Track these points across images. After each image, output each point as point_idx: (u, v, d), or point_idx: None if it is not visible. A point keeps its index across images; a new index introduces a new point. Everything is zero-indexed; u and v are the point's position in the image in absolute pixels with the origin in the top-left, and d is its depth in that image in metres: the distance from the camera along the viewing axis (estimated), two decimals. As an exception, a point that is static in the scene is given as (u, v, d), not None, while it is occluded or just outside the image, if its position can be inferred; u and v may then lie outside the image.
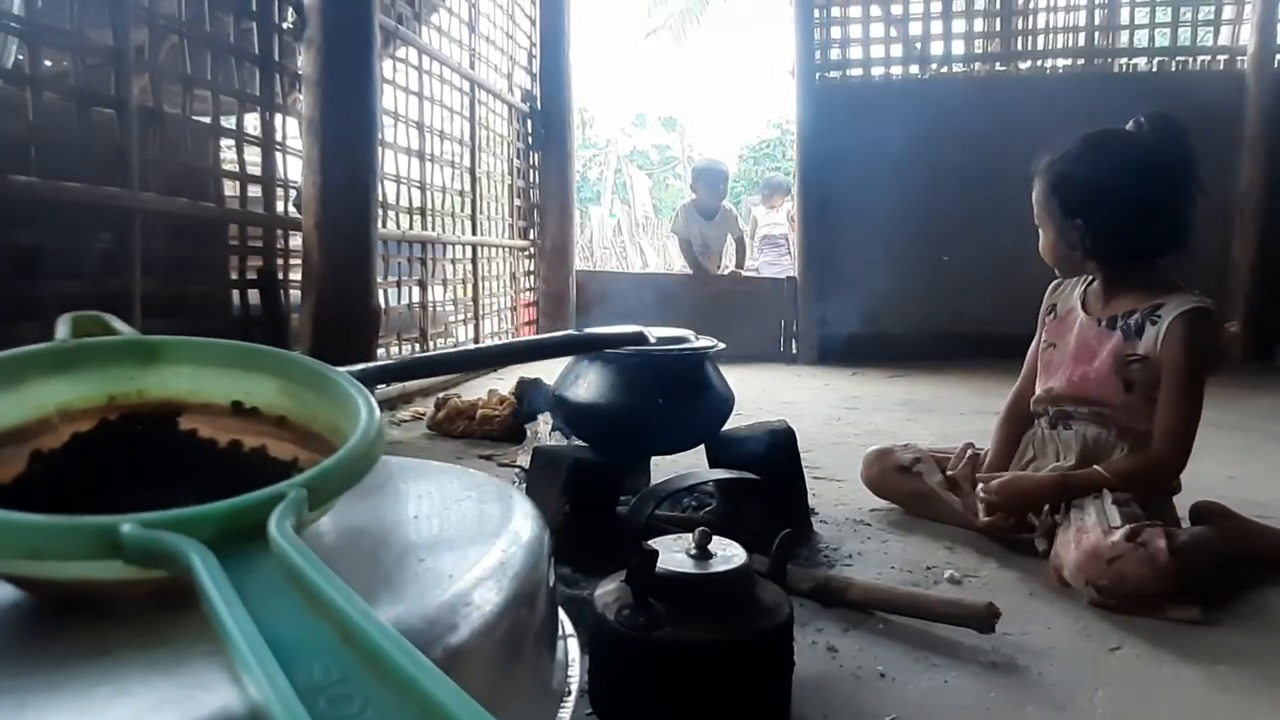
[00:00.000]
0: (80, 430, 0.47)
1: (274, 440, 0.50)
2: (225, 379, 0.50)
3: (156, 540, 0.33)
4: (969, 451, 1.83)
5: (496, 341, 4.72)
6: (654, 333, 1.64)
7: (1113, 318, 1.63)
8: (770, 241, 6.71)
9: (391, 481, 0.45)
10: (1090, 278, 1.74)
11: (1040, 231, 1.73)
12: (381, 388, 3.17)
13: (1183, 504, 1.63)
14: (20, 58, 2.35)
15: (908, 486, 1.85)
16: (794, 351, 5.01)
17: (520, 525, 0.50)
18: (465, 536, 0.47)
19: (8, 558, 0.35)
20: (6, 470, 0.43)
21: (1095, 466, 1.56)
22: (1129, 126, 1.63)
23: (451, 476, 0.59)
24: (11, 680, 0.33)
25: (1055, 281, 1.84)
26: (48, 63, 1.98)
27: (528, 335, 5.23)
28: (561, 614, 0.55)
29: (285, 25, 2.72)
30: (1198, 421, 1.55)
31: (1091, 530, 1.42)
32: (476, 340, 4.39)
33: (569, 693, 0.50)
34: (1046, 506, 1.60)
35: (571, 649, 0.54)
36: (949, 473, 1.81)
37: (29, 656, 0.35)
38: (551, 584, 0.49)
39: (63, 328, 0.49)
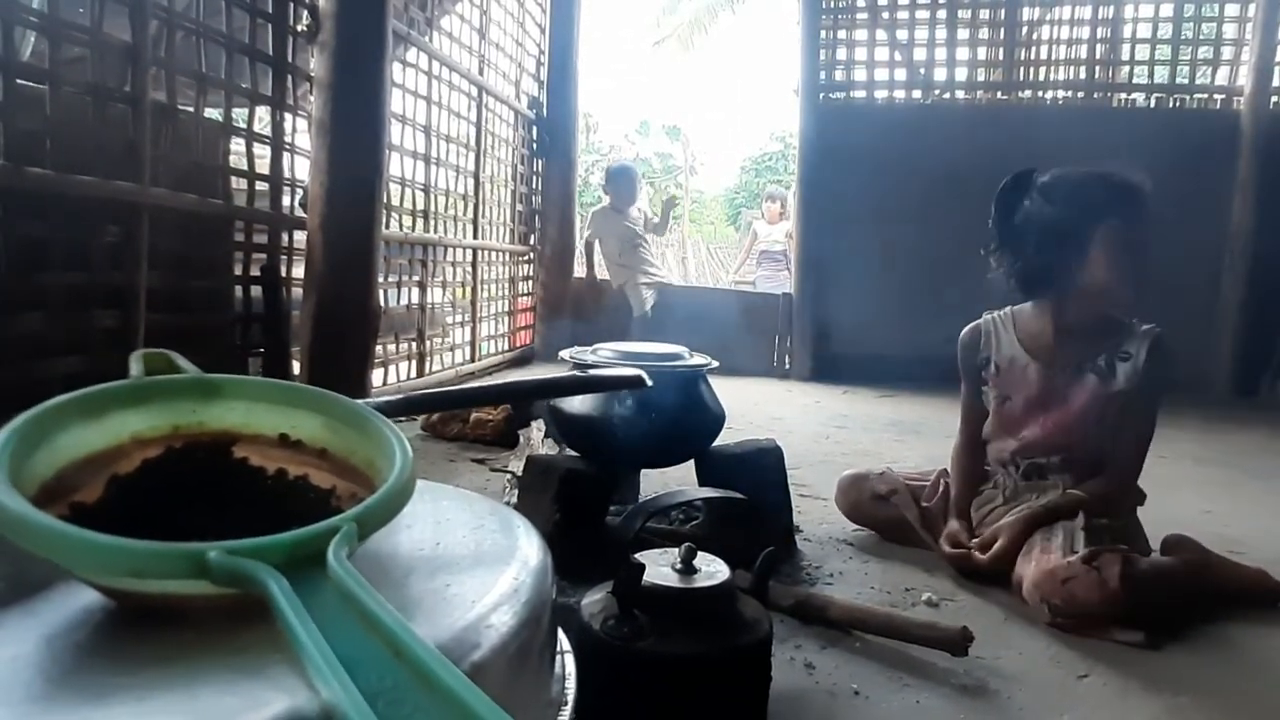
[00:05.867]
0: (150, 456, 0.53)
1: (315, 470, 0.56)
2: (274, 414, 0.57)
3: (239, 565, 0.40)
4: (943, 483, 1.87)
5: (497, 355, 4.77)
6: (649, 350, 1.68)
7: (1079, 364, 1.70)
8: (768, 256, 6.77)
9: (414, 509, 0.50)
10: (1005, 321, 1.80)
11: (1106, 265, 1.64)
12: (377, 384, 3.20)
13: (1156, 534, 1.68)
14: (38, 48, 2.38)
15: (883, 513, 1.88)
16: (787, 367, 5.06)
17: (528, 552, 0.56)
18: (483, 563, 0.53)
19: (115, 575, 0.42)
20: (91, 492, 0.49)
21: (1072, 490, 1.64)
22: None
23: (464, 503, 0.65)
24: (127, 677, 0.39)
25: (965, 334, 1.86)
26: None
27: (525, 340, 5.28)
28: (560, 632, 0.60)
29: (300, 28, 2.76)
30: (1153, 434, 1.70)
31: (1054, 551, 1.49)
32: (473, 343, 4.43)
33: (565, 703, 0.56)
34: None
35: (568, 664, 0.59)
36: (925, 504, 1.84)
37: (133, 658, 0.41)
38: (553, 604, 0.54)
39: (135, 365, 0.55)
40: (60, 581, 0.47)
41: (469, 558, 0.54)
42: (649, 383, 1.03)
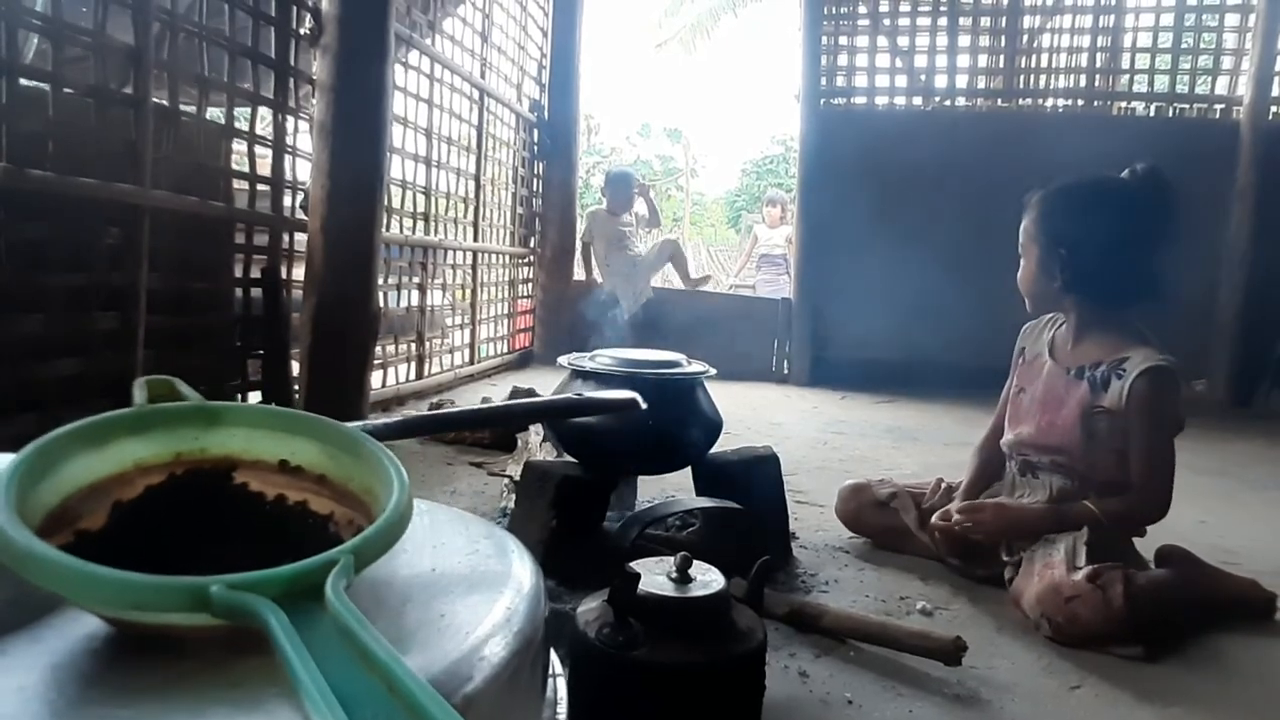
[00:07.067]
0: (152, 483, 0.54)
1: (314, 496, 0.57)
2: (274, 440, 0.58)
3: (239, 600, 0.41)
4: (942, 486, 1.88)
5: (496, 357, 4.77)
6: (647, 357, 1.69)
7: (1080, 368, 1.66)
8: (768, 260, 6.78)
9: (411, 531, 0.51)
10: (1060, 321, 1.78)
11: (1022, 259, 1.76)
12: (376, 386, 3.21)
13: (1151, 544, 1.68)
14: (41, 49, 2.39)
15: (883, 522, 1.88)
16: (786, 372, 5.06)
17: (522, 577, 0.57)
18: (477, 589, 0.54)
19: (119, 608, 0.42)
20: (95, 519, 0.50)
21: (1085, 502, 1.60)
22: (1123, 174, 1.67)
23: (460, 525, 0.66)
24: (128, 709, 0.40)
25: (1028, 324, 1.88)
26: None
27: (524, 342, 5.29)
28: (551, 654, 0.61)
29: (302, 31, 2.77)
30: (1172, 471, 1.61)
31: (1057, 566, 1.48)
32: (473, 345, 4.44)
33: (555, 727, 0.56)
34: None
35: (560, 687, 0.60)
36: (924, 506, 1.85)
37: (134, 689, 0.42)
38: (544, 629, 0.55)
39: (139, 393, 0.56)
40: (63, 607, 0.48)
41: (464, 583, 0.55)
42: (643, 406, 1.03)
